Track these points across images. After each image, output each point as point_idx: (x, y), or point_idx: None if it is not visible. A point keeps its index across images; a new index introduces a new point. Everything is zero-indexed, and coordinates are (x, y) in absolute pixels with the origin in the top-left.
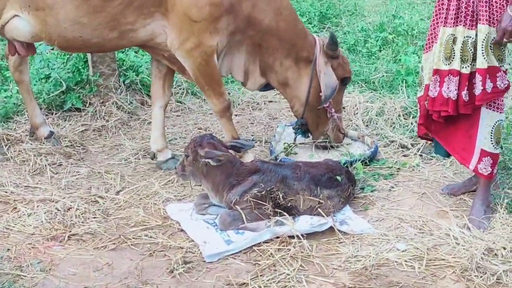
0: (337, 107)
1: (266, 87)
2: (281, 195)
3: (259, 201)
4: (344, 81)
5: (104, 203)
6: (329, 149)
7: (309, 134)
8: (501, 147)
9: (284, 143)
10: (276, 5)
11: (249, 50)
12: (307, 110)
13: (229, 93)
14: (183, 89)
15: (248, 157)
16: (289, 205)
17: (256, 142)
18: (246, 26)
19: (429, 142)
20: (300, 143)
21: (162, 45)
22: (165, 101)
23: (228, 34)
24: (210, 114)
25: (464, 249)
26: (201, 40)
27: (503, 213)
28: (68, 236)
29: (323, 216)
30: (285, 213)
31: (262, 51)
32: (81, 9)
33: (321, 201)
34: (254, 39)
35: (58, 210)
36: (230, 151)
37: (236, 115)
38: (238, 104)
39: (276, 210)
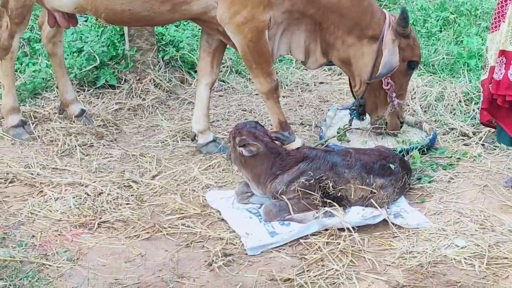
0: (400, 91)
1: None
2: (330, 184)
3: (307, 191)
4: (411, 65)
5: (138, 189)
6: (384, 135)
7: (365, 118)
8: None
9: (339, 128)
10: None
11: (309, 29)
12: (368, 90)
13: (276, 73)
14: (227, 67)
15: (296, 143)
16: (339, 194)
17: (305, 126)
18: (305, 3)
19: (493, 129)
20: (355, 128)
21: (216, 19)
22: (213, 78)
23: (284, 11)
24: (256, 95)
25: None
26: (253, 14)
27: None
28: (98, 224)
29: (376, 208)
30: (335, 204)
31: (323, 30)
32: None
33: (374, 190)
34: (315, 18)
35: (87, 195)
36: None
37: (283, 97)
38: (286, 85)
39: (325, 200)
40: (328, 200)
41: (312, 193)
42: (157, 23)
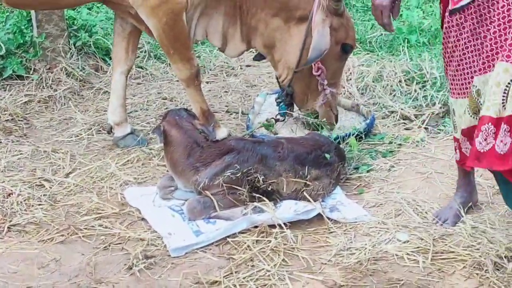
0: (333, 79)
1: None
2: (260, 178)
3: (233, 185)
4: (345, 48)
5: (51, 188)
6: (318, 128)
7: (293, 109)
8: None
9: (268, 119)
10: None
11: (228, 11)
12: (296, 77)
13: (198, 57)
14: (145, 51)
15: (221, 133)
16: (270, 189)
17: (231, 114)
18: None
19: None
20: (283, 118)
21: (127, 1)
22: (128, 65)
23: None
24: (177, 81)
25: (478, 240)
26: None
27: None
28: (8, 227)
29: (310, 201)
30: (264, 198)
31: (244, 13)
32: None
33: (308, 182)
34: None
35: None
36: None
37: (207, 83)
38: (210, 69)
39: (254, 195)
40: (257, 195)
41: (239, 188)
42: (62, 6)
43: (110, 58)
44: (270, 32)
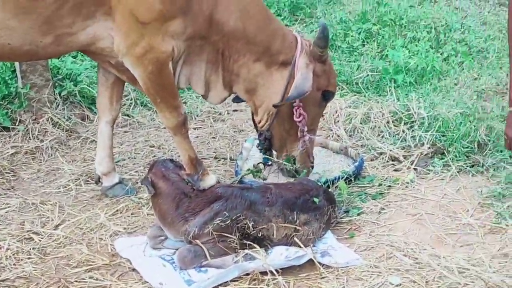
0: (312, 126)
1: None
2: (250, 224)
3: (223, 233)
4: (325, 95)
5: (40, 241)
6: (295, 175)
7: (271, 154)
8: (510, 156)
9: (255, 165)
10: (243, 3)
11: (210, 58)
12: (277, 122)
13: (185, 103)
14: (131, 99)
15: (210, 180)
16: (260, 235)
17: (219, 160)
18: (207, 29)
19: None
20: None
21: (107, 50)
22: (113, 115)
23: (186, 39)
24: (164, 128)
25: (471, 282)
26: (152, 45)
27: None
28: None
29: (301, 247)
30: (255, 245)
31: (226, 59)
32: (7, 10)
33: (297, 227)
34: (217, 45)
35: None
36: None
37: (194, 129)
38: (197, 116)
39: (245, 242)
40: (248, 242)
41: (229, 235)
42: (42, 57)
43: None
44: (252, 78)
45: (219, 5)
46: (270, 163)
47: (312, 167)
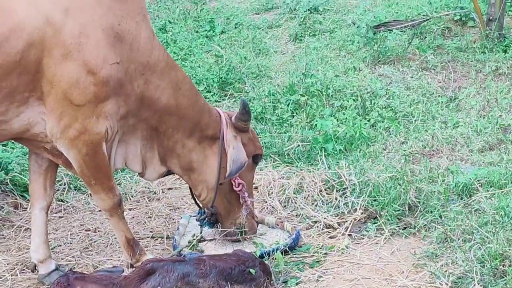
0: (249, 189)
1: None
2: None
3: None
4: (255, 159)
5: None
6: (242, 241)
7: (218, 226)
8: (440, 216)
9: (188, 241)
10: (173, 79)
11: (145, 135)
12: (218, 196)
13: (119, 184)
14: (64, 184)
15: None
16: None
17: (156, 239)
18: (140, 107)
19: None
20: (208, 237)
21: (41, 136)
22: (48, 201)
23: (120, 119)
24: (99, 211)
25: None
26: (86, 127)
27: None
28: None
29: None
30: None
31: (160, 135)
32: None
33: None
34: (151, 122)
35: None
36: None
37: (130, 209)
38: (132, 196)
39: None
40: None
41: None
42: None
43: (29, 194)
44: (187, 153)
45: (150, 84)
46: (207, 237)
47: (258, 225)
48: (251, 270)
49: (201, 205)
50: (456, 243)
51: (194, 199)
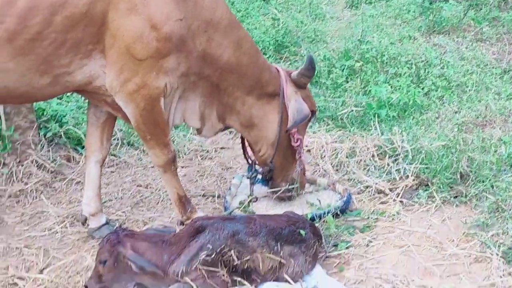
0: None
1: None
2: (234, 255)
3: (210, 267)
4: (311, 116)
5: (24, 286)
6: (294, 198)
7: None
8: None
9: (242, 201)
10: (235, 38)
11: (205, 92)
12: (277, 151)
13: (173, 141)
14: (117, 139)
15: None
16: (246, 267)
17: (208, 197)
18: (202, 64)
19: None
20: (262, 196)
21: (103, 89)
22: (103, 155)
23: (180, 75)
24: (151, 167)
25: None
26: (146, 81)
27: (499, 263)
28: None
29: (290, 283)
30: (245, 282)
31: (220, 92)
32: (4, 53)
33: (283, 261)
34: (211, 79)
35: None
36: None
37: (182, 167)
38: (185, 154)
39: (235, 278)
40: (237, 278)
41: (217, 269)
42: (37, 99)
43: (82, 148)
44: (246, 110)
45: (212, 41)
46: (255, 198)
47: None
48: (301, 231)
49: (250, 162)
50: (507, 213)
51: (245, 156)
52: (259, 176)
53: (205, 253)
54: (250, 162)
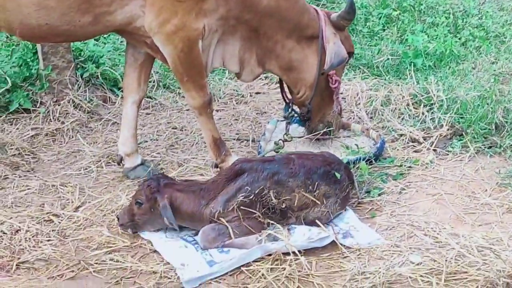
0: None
1: None
2: (273, 196)
3: (247, 209)
4: (349, 57)
5: (59, 223)
6: (331, 140)
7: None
8: None
9: (276, 141)
10: None
11: (244, 36)
12: (315, 93)
13: (209, 85)
14: (153, 81)
15: (232, 161)
16: (283, 206)
17: (242, 141)
18: (241, 9)
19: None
20: (296, 137)
21: (142, 30)
22: (140, 96)
23: (219, 18)
24: (187, 110)
25: (489, 260)
26: (185, 23)
27: None
28: (17, 264)
29: (323, 228)
30: (278, 226)
31: (260, 36)
32: None
33: (316, 201)
34: (251, 23)
35: (3, 233)
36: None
37: (217, 111)
38: (220, 98)
39: (269, 219)
40: (271, 220)
41: (254, 211)
42: (78, 38)
43: (119, 89)
44: (286, 53)
45: None
46: (290, 137)
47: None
48: (336, 173)
49: (287, 101)
50: None
51: (283, 96)
52: (296, 116)
53: (243, 194)
54: (287, 101)
